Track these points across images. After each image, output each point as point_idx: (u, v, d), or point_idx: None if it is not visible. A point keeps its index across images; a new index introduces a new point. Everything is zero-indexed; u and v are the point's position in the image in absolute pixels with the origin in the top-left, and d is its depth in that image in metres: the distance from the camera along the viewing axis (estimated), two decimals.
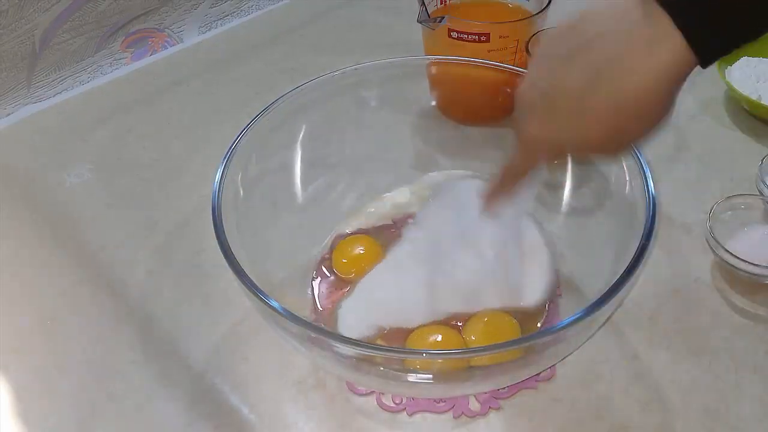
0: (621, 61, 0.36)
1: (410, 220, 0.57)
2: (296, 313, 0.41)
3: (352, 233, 0.58)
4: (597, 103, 0.37)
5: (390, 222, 0.59)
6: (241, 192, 0.51)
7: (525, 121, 0.42)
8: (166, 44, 0.87)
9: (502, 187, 0.48)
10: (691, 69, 0.36)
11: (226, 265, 0.44)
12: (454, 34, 0.65)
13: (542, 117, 0.40)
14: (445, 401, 0.49)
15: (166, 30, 0.86)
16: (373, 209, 0.59)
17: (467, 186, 0.54)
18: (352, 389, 0.50)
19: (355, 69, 0.58)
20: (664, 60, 0.35)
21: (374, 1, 0.93)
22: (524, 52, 0.65)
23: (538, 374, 0.50)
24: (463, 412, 0.49)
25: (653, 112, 0.38)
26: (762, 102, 0.69)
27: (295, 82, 0.56)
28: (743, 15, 0.34)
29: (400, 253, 0.54)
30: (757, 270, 0.53)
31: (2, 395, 0.51)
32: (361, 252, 0.55)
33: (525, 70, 0.58)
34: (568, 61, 0.38)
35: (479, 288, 0.50)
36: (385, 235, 0.57)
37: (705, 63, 0.35)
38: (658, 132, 0.40)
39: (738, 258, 0.54)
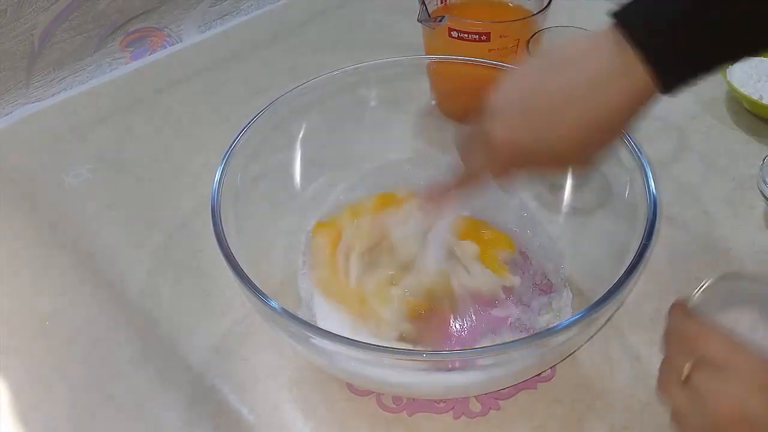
0: (597, 82, 0.40)
1: None
2: (296, 314, 0.41)
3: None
4: (570, 116, 0.40)
5: None
6: (241, 192, 0.51)
7: (494, 122, 0.43)
8: (165, 43, 0.87)
9: (452, 189, 0.48)
10: (655, 96, 0.40)
11: (226, 265, 0.44)
12: (455, 34, 0.65)
13: (515, 120, 0.42)
14: (445, 402, 0.49)
15: (165, 29, 0.86)
16: None
17: None
18: (352, 389, 0.50)
19: (355, 69, 0.58)
20: (632, 87, 0.39)
21: (374, 0, 0.93)
22: (524, 52, 0.65)
23: (538, 374, 0.50)
24: (463, 413, 0.49)
25: (617, 129, 0.42)
26: (763, 102, 0.68)
27: (295, 81, 0.56)
28: (703, 51, 0.38)
29: None
30: None
31: (2, 395, 0.51)
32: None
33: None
34: (549, 74, 0.41)
35: None
36: None
37: (666, 91, 0.39)
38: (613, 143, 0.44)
39: None
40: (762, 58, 0.72)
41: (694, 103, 0.74)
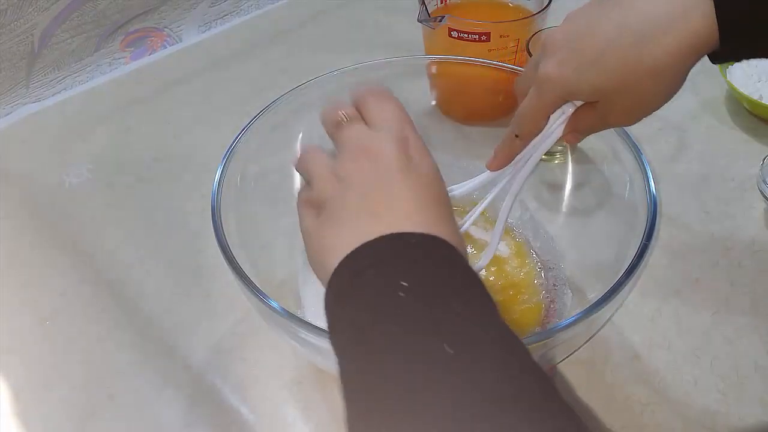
0: (652, 21, 0.38)
1: None
2: (296, 313, 0.41)
3: None
4: (618, 55, 0.39)
5: None
6: (241, 192, 0.51)
7: (545, 61, 0.43)
8: (165, 44, 0.87)
9: (513, 135, 0.47)
10: (711, 49, 0.38)
11: (226, 265, 0.44)
12: (455, 34, 0.65)
13: (563, 57, 0.42)
14: None
15: (165, 29, 0.86)
16: None
17: None
18: None
19: (355, 69, 0.58)
20: (691, 31, 0.37)
21: (374, 1, 0.93)
22: (524, 52, 0.65)
23: None
24: None
25: (666, 79, 0.40)
26: (763, 102, 0.69)
27: (295, 81, 0.56)
28: None
29: None
30: None
31: (2, 395, 0.51)
32: None
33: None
34: (601, 12, 0.40)
35: None
36: None
37: (725, 48, 0.37)
38: (659, 106, 0.42)
39: None
40: (762, 58, 0.73)
41: (694, 103, 0.74)
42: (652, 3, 0.38)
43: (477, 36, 0.64)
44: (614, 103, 0.42)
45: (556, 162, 0.62)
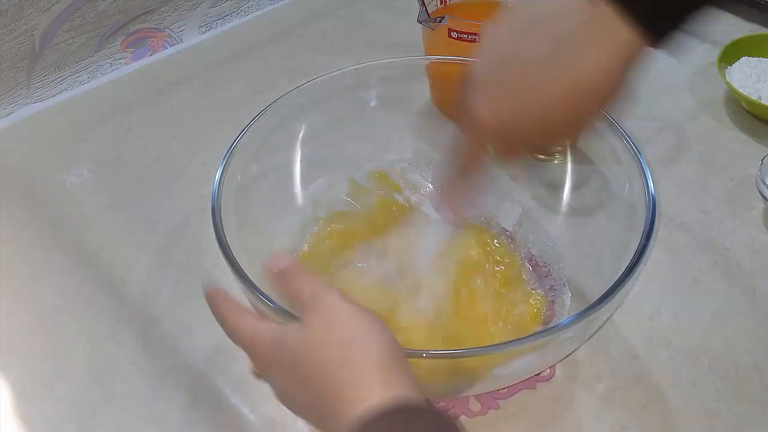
0: (577, 39, 0.36)
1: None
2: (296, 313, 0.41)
3: None
4: (553, 80, 0.37)
5: None
6: (241, 192, 0.51)
7: (476, 100, 0.40)
8: (166, 44, 0.87)
9: (455, 182, 0.46)
10: (642, 49, 0.36)
11: (226, 265, 0.44)
12: (454, 34, 0.65)
13: (494, 94, 0.39)
14: (444, 401, 0.49)
15: (166, 30, 0.86)
16: None
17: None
18: None
19: (355, 69, 0.58)
20: (615, 42, 0.35)
21: (374, 1, 0.93)
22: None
23: (537, 374, 0.50)
24: (462, 413, 0.49)
25: (608, 91, 0.37)
26: (762, 102, 0.69)
27: (295, 82, 0.56)
28: None
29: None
30: None
31: (2, 395, 0.51)
32: None
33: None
34: (522, 36, 0.37)
35: None
36: None
37: (655, 44, 0.35)
38: (613, 108, 0.39)
39: None
40: (761, 58, 0.73)
41: (693, 104, 0.74)
42: (565, 22, 0.36)
43: (477, 36, 0.64)
44: (558, 128, 0.40)
45: (556, 162, 0.62)
